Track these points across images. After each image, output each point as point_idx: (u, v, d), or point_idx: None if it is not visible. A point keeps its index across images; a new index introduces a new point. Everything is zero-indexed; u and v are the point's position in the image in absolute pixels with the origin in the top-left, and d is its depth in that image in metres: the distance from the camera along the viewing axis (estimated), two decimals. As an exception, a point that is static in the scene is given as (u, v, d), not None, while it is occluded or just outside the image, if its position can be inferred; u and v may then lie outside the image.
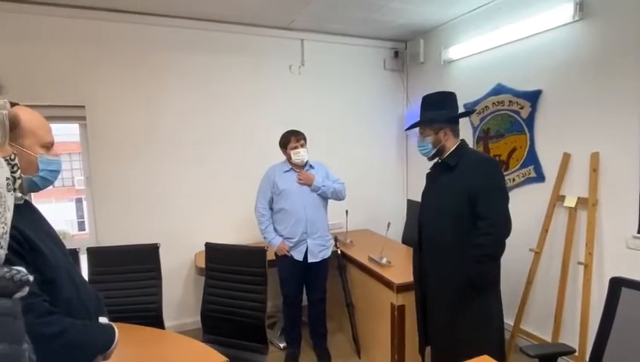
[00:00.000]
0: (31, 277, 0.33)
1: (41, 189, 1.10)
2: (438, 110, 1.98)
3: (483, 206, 1.80)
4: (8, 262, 0.38)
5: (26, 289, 0.33)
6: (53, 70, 2.88)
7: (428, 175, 2.15)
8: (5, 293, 0.31)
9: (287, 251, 2.72)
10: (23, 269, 0.32)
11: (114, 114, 3.09)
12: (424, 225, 2.06)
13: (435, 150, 2.00)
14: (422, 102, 2.07)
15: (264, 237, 2.80)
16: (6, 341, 0.30)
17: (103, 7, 2.92)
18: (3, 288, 0.31)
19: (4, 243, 0.35)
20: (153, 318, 2.23)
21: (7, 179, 0.37)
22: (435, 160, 2.08)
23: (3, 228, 0.36)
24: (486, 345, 1.55)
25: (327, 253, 2.82)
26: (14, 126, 0.94)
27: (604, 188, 2.39)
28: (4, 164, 0.37)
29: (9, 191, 0.37)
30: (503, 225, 1.83)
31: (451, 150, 1.98)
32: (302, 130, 2.79)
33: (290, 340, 2.91)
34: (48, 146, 1.09)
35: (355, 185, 2.99)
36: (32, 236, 0.99)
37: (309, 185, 2.74)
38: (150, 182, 3.25)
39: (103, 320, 1.21)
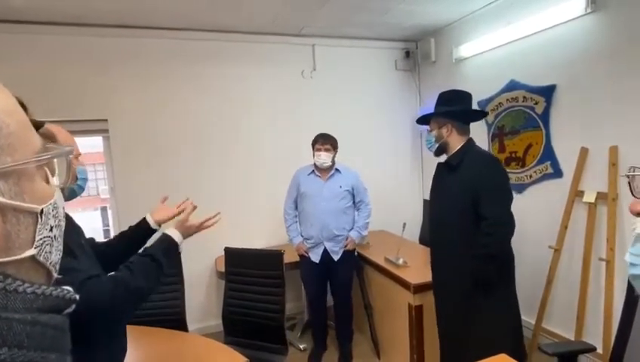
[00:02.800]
0: (77, 296, 0.37)
1: (77, 196, 1.20)
2: (445, 106, 2.00)
3: (484, 206, 1.80)
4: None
5: (73, 307, 0.37)
6: (77, 86, 3.01)
7: (434, 176, 2.16)
8: (56, 310, 0.35)
9: (305, 252, 2.79)
10: (70, 288, 0.36)
11: (135, 126, 3.21)
12: (432, 226, 2.06)
13: (438, 145, 2.00)
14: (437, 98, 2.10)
15: (288, 235, 2.91)
16: (58, 351, 0.34)
17: (121, 24, 3.04)
18: (55, 306, 0.35)
19: (58, 267, 0.39)
20: (176, 322, 2.29)
21: (63, 208, 0.41)
22: (441, 160, 2.08)
23: (59, 255, 0.39)
24: (500, 344, 1.54)
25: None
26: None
27: (624, 181, 2.33)
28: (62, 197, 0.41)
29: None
30: (505, 225, 1.82)
31: (456, 149, 1.98)
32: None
33: (313, 340, 2.97)
34: (77, 157, 1.18)
35: (369, 186, 3.01)
36: (68, 243, 1.07)
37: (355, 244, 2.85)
38: (172, 191, 3.31)
39: None
